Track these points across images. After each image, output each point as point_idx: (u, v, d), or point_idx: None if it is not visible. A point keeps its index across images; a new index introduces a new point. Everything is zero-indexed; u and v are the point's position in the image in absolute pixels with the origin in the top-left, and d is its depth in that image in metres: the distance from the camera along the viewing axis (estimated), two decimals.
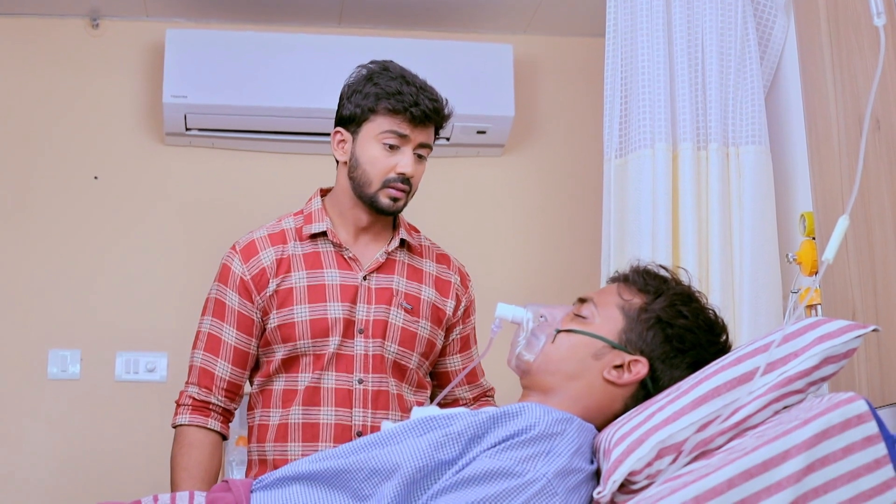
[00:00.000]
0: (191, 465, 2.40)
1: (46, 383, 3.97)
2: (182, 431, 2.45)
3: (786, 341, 1.73)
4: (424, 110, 2.42)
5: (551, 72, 4.47)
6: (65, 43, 4.19)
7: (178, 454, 2.43)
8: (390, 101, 2.41)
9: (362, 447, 1.78)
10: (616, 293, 1.95)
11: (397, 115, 2.41)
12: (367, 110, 2.43)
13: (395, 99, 2.40)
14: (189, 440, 2.43)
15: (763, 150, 3.01)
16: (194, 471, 2.40)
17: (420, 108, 2.41)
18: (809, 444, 1.52)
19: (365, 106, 2.43)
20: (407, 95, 2.40)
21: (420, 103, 2.41)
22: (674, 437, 1.67)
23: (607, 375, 1.87)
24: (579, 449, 1.73)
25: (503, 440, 1.70)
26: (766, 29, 3.15)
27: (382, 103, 2.41)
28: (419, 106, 2.41)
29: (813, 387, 1.72)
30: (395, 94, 2.41)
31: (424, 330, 2.53)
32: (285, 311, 2.45)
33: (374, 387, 2.44)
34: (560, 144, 4.40)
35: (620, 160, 3.10)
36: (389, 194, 2.44)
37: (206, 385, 2.46)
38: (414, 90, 2.42)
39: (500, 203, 4.36)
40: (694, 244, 2.95)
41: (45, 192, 4.09)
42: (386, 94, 2.41)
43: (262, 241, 2.52)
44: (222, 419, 2.48)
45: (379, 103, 2.42)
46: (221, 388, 2.47)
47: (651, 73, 3.05)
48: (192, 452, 2.42)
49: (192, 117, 4.02)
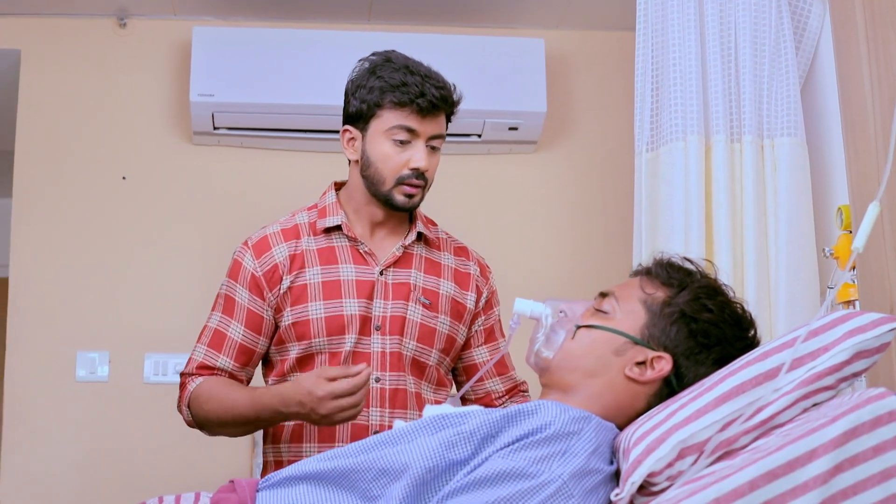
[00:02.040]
0: (220, 384, 2.38)
1: (75, 386, 3.96)
2: (196, 393, 2.38)
3: (814, 336, 1.64)
4: (431, 100, 2.34)
5: (584, 66, 4.40)
6: (93, 43, 4.18)
7: (198, 400, 2.36)
8: (395, 94, 2.33)
9: (371, 446, 1.71)
10: (638, 287, 1.87)
11: (404, 108, 2.34)
12: (373, 105, 2.36)
13: (400, 91, 2.33)
14: (207, 382, 2.38)
15: (799, 142, 2.94)
16: (227, 384, 2.38)
17: (427, 99, 2.33)
18: (837, 443, 1.44)
19: (370, 101, 2.37)
20: (412, 86, 2.33)
21: (426, 93, 2.33)
22: (696, 437, 1.59)
23: (629, 373, 1.79)
24: (597, 449, 1.65)
25: (517, 440, 1.62)
26: (801, 18, 3.07)
27: (387, 97, 2.34)
28: (425, 96, 2.33)
29: (844, 383, 1.63)
30: (400, 86, 2.33)
31: (444, 325, 2.45)
32: (300, 309, 2.39)
33: (391, 385, 2.37)
34: (594, 141, 4.33)
35: (652, 154, 3.04)
36: (404, 191, 2.38)
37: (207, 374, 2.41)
38: (419, 79, 2.35)
39: (533, 201, 4.29)
40: (728, 239, 2.87)
41: (74, 192, 4.08)
42: (390, 86, 2.34)
43: (274, 236, 2.47)
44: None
45: (384, 97, 2.35)
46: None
47: (682, 64, 2.98)
48: (205, 384, 2.38)
49: (219, 116, 3.98)
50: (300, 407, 2.13)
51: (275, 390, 2.24)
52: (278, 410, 2.21)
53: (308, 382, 2.12)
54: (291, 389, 2.16)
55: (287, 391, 2.18)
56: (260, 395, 2.27)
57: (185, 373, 2.44)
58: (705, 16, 3.02)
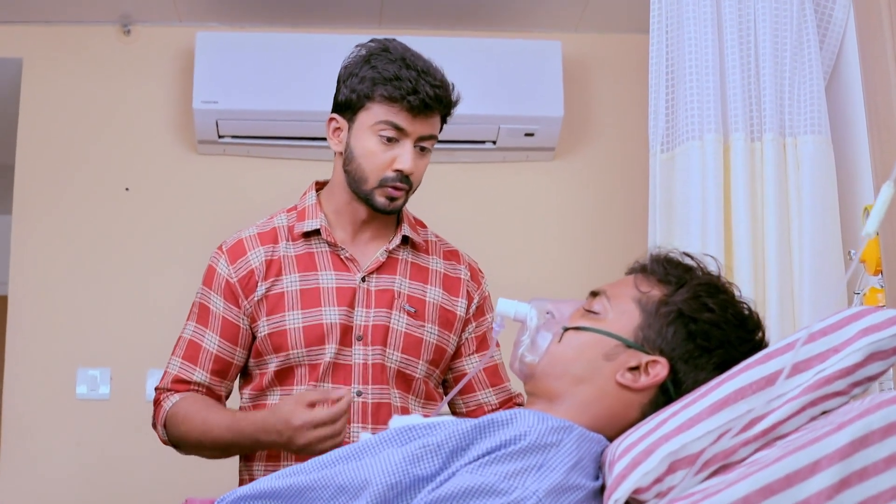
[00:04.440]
0: (198, 404, 2.23)
1: (75, 403, 3.84)
2: (172, 412, 2.24)
3: (823, 335, 1.46)
4: (424, 98, 2.16)
5: (602, 70, 4.24)
6: (96, 51, 4.09)
7: (183, 419, 2.21)
8: (387, 88, 2.17)
9: (331, 461, 1.54)
10: (633, 285, 1.69)
11: (394, 104, 2.17)
12: (363, 96, 2.20)
13: (393, 85, 2.16)
14: (185, 401, 2.23)
15: (824, 139, 2.79)
16: (205, 404, 2.23)
17: (419, 97, 2.16)
18: (844, 454, 1.26)
19: (361, 91, 2.20)
20: (406, 81, 2.16)
21: (420, 90, 2.16)
22: (688, 448, 1.41)
23: (621, 379, 1.61)
24: (579, 463, 1.47)
25: (488, 452, 1.44)
26: (825, 11, 2.91)
27: (378, 89, 2.18)
28: (418, 94, 2.16)
29: (858, 388, 1.44)
30: (393, 80, 2.17)
31: (431, 335, 2.28)
32: (276, 318, 2.23)
33: (374, 399, 2.20)
34: (613, 147, 4.16)
35: (667, 154, 2.90)
36: (387, 193, 2.21)
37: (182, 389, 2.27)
38: (414, 75, 2.17)
39: (550, 211, 4.13)
40: (748, 243, 2.73)
41: (75, 205, 3.97)
42: (383, 78, 2.17)
43: (250, 240, 2.32)
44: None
45: (375, 89, 2.18)
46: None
47: (699, 59, 2.85)
48: (182, 402, 2.23)
49: (224, 123, 3.85)
50: (278, 436, 2.02)
51: (253, 417, 2.11)
52: (257, 439, 2.09)
53: (285, 409, 2.00)
54: (270, 417, 2.04)
55: (266, 419, 2.05)
56: (238, 421, 2.14)
57: (160, 387, 2.30)
58: (722, 9, 2.89)
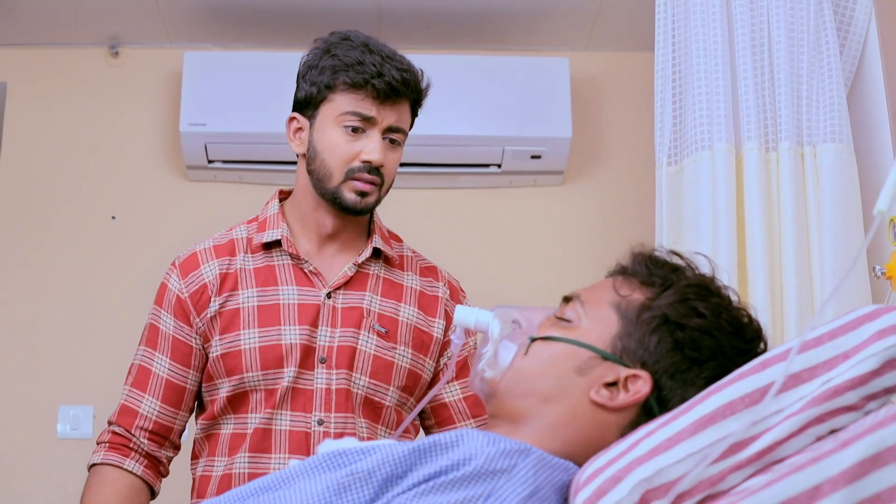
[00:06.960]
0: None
1: (56, 443, 3.64)
2: (94, 471, 2.04)
3: (832, 338, 1.22)
4: (391, 82, 1.97)
5: (612, 89, 4.02)
6: (83, 74, 3.93)
7: (85, 494, 2.01)
8: (349, 74, 1.97)
9: (250, 492, 1.31)
10: (611, 288, 1.46)
11: (359, 91, 1.98)
12: (324, 87, 2.01)
13: (355, 70, 1.97)
14: (100, 478, 2.02)
15: (846, 148, 2.58)
16: None
17: (384, 80, 1.97)
18: (851, 477, 1.02)
19: (321, 83, 2.01)
20: (369, 66, 1.97)
21: (385, 73, 1.97)
22: (664, 474, 1.17)
23: (595, 396, 1.36)
24: (535, 493, 1.22)
25: (427, 479, 1.21)
26: (845, 13, 2.70)
27: (340, 77, 1.98)
28: (383, 77, 1.97)
29: (873, 402, 1.19)
30: (355, 65, 1.97)
31: (404, 359, 2.05)
32: (230, 337, 2.01)
33: (337, 429, 1.96)
34: (623, 170, 3.93)
35: (674, 167, 2.70)
36: (355, 187, 2.00)
37: (126, 424, 2.05)
38: (378, 59, 1.98)
39: (559, 238, 3.89)
40: (764, 260, 2.50)
41: (60, 234, 3.80)
42: (345, 65, 1.98)
43: (205, 253, 2.11)
44: (146, 463, 2.05)
45: (336, 77, 1.99)
46: (144, 430, 2.05)
47: (708, 64, 2.65)
48: (104, 490, 2.00)
49: (213, 147, 3.66)
50: None
51: None
52: None
53: None
54: None
55: None
56: None
57: (109, 420, 2.09)
58: (733, 11, 2.69)
